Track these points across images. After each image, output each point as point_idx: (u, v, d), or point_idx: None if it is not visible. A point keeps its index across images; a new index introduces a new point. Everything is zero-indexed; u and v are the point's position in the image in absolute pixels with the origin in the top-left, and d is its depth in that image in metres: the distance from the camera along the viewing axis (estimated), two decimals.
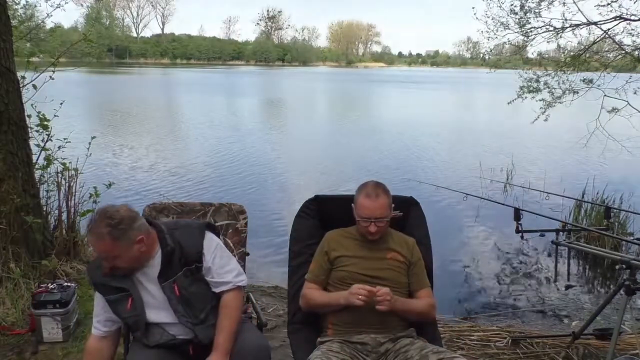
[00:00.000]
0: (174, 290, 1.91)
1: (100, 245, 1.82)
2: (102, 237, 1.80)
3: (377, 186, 2.14)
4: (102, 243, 1.81)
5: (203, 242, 1.98)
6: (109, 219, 1.82)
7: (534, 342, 3.16)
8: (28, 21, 5.33)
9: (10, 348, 2.85)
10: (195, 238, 1.98)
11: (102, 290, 1.95)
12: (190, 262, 1.94)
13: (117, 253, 1.83)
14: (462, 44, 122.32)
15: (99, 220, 1.82)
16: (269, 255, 5.25)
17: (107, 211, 1.85)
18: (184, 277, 1.93)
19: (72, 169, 3.86)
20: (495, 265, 5.63)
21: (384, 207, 2.10)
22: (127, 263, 1.87)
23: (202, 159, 10.61)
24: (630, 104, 6.90)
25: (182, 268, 1.93)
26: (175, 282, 1.92)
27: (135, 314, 1.91)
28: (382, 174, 8.95)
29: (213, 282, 1.98)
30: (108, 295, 1.93)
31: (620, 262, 2.39)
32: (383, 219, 2.11)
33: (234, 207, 2.41)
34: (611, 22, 6.78)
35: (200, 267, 1.96)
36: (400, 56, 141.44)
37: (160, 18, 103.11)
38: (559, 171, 9.99)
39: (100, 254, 1.85)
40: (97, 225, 1.82)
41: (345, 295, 2.01)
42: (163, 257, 1.92)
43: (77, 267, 3.75)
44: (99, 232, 1.81)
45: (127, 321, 1.94)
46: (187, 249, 1.95)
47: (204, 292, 1.97)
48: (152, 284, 1.93)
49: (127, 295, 1.91)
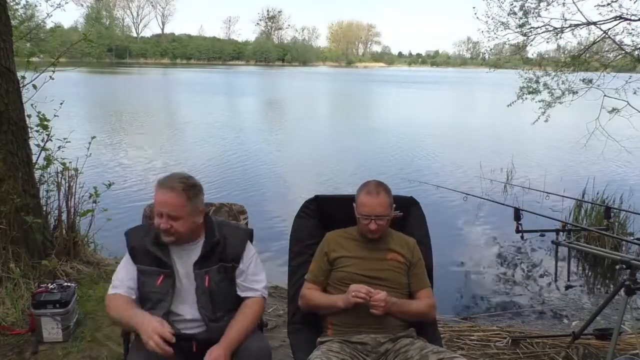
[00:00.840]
0: (204, 280, 1.93)
1: (170, 198, 1.83)
2: (176, 191, 1.83)
3: (378, 185, 2.15)
4: (173, 197, 1.83)
5: (245, 245, 2.03)
6: (184, 178, 1.89)
7: (534, 342, 3.16)
8: (28, 21, 5.33)
9: (10, 348, 2.84)
10: (240, 239, 2.03)
11: (140, 257, 1.93)
12: (228, 259, 1.97)
13: (181, 213, 1.84)
14: (462, 44, 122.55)
15: (174, 177, 1.87)
16: (269, 255, 5.26)
17: (181, 173, 1.91)
18: (218, 272, 1.95)
19: (72, 169, 3.86)
20: (495, 265, 5.63)
21: (385, 205, 2.11)
22: (184, 229, 1.87)
23: (203, 159, 10.61)
24: (630, 104, 6.90)
25: (219, 262, 1.96)
26: (208, 273, 1.93)
27: (164, 292, 1.90)
28: (383, 174, 8.95)
29: (242, 286, 2.01)
30: (143, 265, 1.92)
31: (620, 262, 2.39)
32: (383, 217, 2.11)
33: (234, 207, 2.41)
34: (611, 22, 6.79)
35: (236, 267, 1.99)
36: (400, 56, 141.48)
37: (160, 18, 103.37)
38: (559, 171, 10.00)
39: (165, 209, 1.84)
40: (171, 180, 1.86)
41: (343, 298, 2.02)
42: (206, 245, 1.95)
43: (77, 267, 3.75)
44: (173, 186, 1.84)
45: (151, 296, 1.92)
46: (230, 247, 1.99)
47: (230, 292, 1.99)
48: (184, 270, 1.94)
49: (160, 272, 1.91)
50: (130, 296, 1.93)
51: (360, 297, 1.96)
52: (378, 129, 16.26)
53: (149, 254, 1.92)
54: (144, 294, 1.93)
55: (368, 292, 1.96)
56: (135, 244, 1.95)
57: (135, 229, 2.02)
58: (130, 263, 1.96)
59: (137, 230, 2.01)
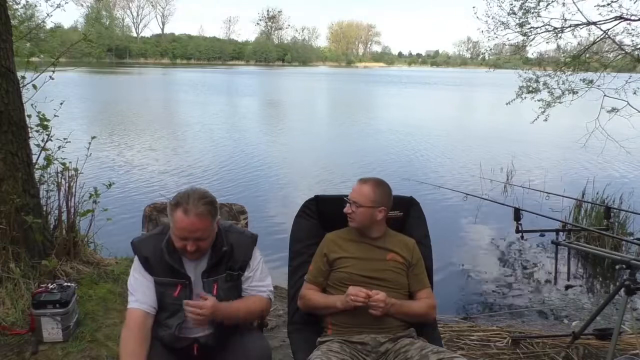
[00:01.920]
0: (212, 289, 1.92)
1: (200, 224, 1.78)
2: (204, 217, 1.79)
3: (374, 178, 2.21)
4: (203, 222, 1.79)
5: (252, 253, 2.01)
6: (205, 197, 1.82)
7: (534, 342, 3.16)
8: (28, 21, 5.32)
9: (10, 348, 2.84)
10: (247, 246, 2.01)
11: (155, 269, 1.89)
12: (235, 268, 1.96)
13: (208, 233, 1.83)
14: (462, 44, 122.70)
15: (196, 200, 1.79)
16: (269, 255, 5.24)
17: (198, 191, 1.84)
18: (225, 280, 1.94)
19: (72, 169, 3.86)
20: (495, 265, 5.63)
21: (365, 193, 2.14)
22: (209, 245, 1.86)
23: (203, 159, 10.61)
24: (630, 104, 6.90)
25: (226, 271, 1.94)
26: (216, 281, 1.93)
27: (180, 303, 1.87)
28: (383, 174, 8.93)
29: (248, 291, 2.01)
30: (159, 276, 1.89)
31: (620, 262, 2.39)
32: (360, 205, 2.13)
33: (234, 207, 2.41)
34: (611, 22, 6.79)
35: (242, 274, 1.99)
36: (400, 56, 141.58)
37: (160, 18, 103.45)
38: (559, 171, 10.00)
39: (194, 235, 1.80)
40: (196, 205, 1.78)
41: (342, 299, 2.02)
42: (213, 254, 1.93)
43: (77, 267, 3.75)
44: (201, 212, 1.78)
45: (169, 307, 1.90)
46: (238, 255, 1.97)
47: (237, 299, 1.99)
48: (194, 278, 1.93)
49: (177, 282, 1.89)
50: (151, 313, 1.90)
51: (358, 302, 1.96)
52: (378, 129, 16.25)
53: (165, 265, 1.89)
54: (162, 305, 1.91)
55: (367, 295, 1.96)
56: (148, 254, 1.90)
57: (144, 240, 1.97)
58: (147, 276, 1.91)
59: (147, 240, 1.96)
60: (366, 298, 1.96)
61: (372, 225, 2.18)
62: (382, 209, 2.17)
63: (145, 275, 1.91)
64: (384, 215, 2.18)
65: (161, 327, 1.93)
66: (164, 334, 1.92)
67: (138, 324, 1.85)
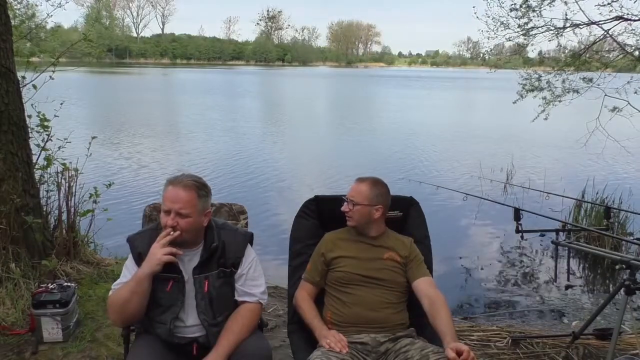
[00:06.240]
0: (203, 285, 1.92)
1: (182, 195, 1.84)
2: (189, 189, 1.85)
3: (371, 177, 2.24)
4: (185, 194, 1.84)
5: (245, 250, 2.01)
6: (196, 178, 1.91)
7: (534, 342, 3.16)
8: (28, 21, 5.32)
9: (10, 348, 2.84)
10: (239, 244, 2.01)
11: None
12: (227, 264, 1.96)
13: (191, 211, 1.85)
14: (462, 44, 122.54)
15: (186, 176, 1.91)
16: (269, 255, 5.26)
17: (192, 174, 1.95)
18: (217, 277, 1.95)
19: (72, 169, 3.86)
20: (495, 265, 5.63)
21: (362, 192, 2.16)
22: (190, 228, 1.87)
23: (203, 159, 10.62)
24: (630, 104, 6.90)
25: (218, 268, 1.95)
26: (207, 278, 1.93)
27: (174, 297, 1.90)
28: (383, 174, 8.89)
29: (240, 290, 2.00)
30: None
31: (620, 262, 2.39)
32: (357, 203, 2.15)
33: (234, 207, 2.41)
34: (612, 22, 6.79)
35: (235, 272, 1.98)
36: (400, 56, 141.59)
37: (160, 18, 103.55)
38: (559, 171, 9.99)
39: (175, 205, 1.83)
40: (184, 178, 1.88)
41: (322, 333, 2.00)
42: (205, 251, 1.94)
43: (77, 267, 3.75)
44: (185, 183, 1.86)
45: (161, 302, 1.91)
46: (230, 252, 1.97)
47: (229, 297, 1.99)
48: (186, 275, 1.93)
49: (170, 277, 1.89)
50: None
51: (335, 346, 1.91)
52: (378, 130, 16.26)
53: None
54: (154, 299, 1.91)
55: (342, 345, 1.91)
56: (141, 249, 1.91)
57: (138, 235, 2.00)
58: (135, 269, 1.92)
59: (141, 235, 1.99)
60: (340, 348, 1.90)
61: (370, 224, 2.19)
62: (379, 208, 2.17)
63: (136, 268, 1.91)
64: (381, 214, 2.19)
65: (156, 324, 1.93)
66: (160, 331, 1.93)
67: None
